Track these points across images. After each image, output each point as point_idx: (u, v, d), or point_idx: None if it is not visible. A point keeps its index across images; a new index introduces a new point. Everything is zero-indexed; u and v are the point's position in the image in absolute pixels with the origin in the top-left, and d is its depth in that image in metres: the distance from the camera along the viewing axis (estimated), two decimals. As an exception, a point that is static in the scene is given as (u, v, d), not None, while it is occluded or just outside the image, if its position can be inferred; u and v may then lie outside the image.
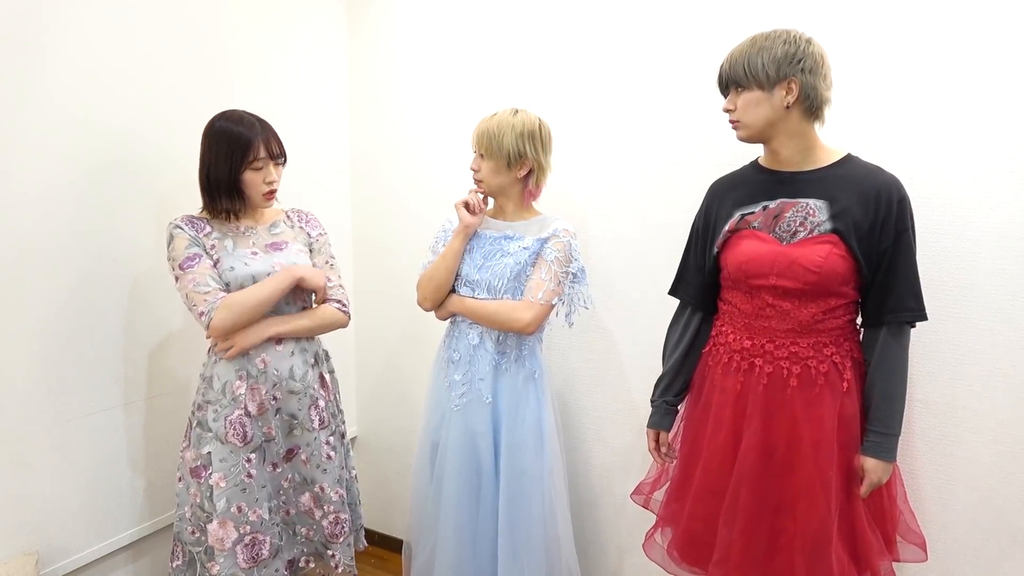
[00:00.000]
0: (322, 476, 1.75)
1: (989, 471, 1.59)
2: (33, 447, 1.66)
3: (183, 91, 1.91)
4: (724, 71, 1.41)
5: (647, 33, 1.89)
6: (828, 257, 1.35)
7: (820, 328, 1.40)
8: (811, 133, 1.40)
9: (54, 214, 1.65)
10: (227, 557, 1.60)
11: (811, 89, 1.34)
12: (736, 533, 1.45)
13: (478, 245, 1.78)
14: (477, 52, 2.18)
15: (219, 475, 1.61)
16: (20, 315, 1.61)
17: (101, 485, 1.81)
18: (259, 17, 2.13)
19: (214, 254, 1.62)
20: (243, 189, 1.62)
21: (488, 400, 1.73)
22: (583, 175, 2.04)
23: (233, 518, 1.61)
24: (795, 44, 1.33)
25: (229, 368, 1.64)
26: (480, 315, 1.73)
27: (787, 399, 1.41)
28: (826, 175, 1.39)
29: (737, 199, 1.49)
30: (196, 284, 1.56)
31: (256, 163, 1.60)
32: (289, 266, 1.67)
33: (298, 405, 1.71)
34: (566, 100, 2.04)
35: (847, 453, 1.41)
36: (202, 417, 1.65)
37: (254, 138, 1.59)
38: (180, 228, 1.61)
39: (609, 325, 2.05)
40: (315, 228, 1.82)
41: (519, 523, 1.72)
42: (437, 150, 2.29)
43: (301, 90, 2.31)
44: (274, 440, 1.69)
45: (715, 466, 1.50)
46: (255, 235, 1.70)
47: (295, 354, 1.71)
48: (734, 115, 1.42)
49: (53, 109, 1.63)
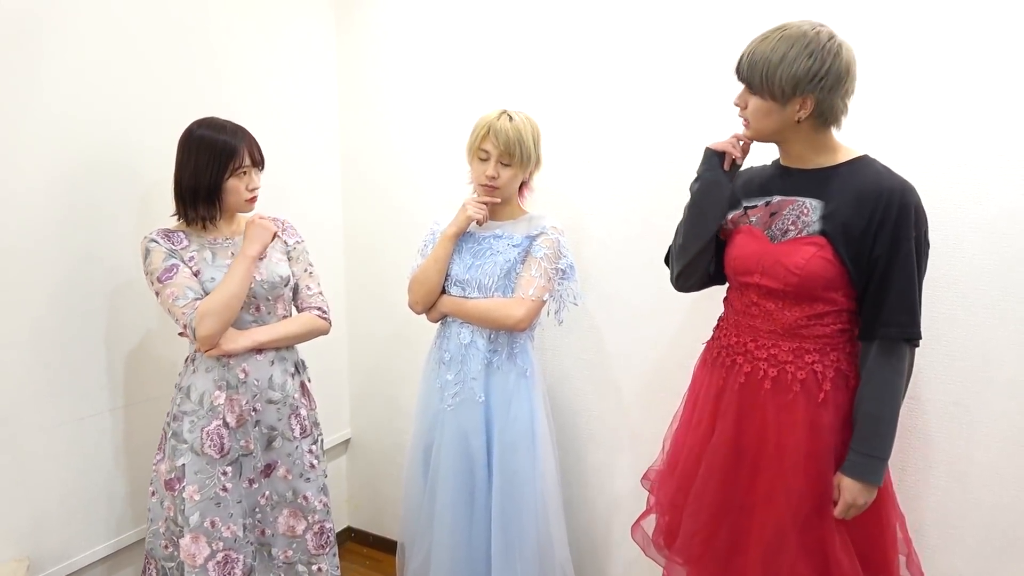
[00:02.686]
0: (305, 485, 1.73)
1: (985, 470, 1.59)
2: (23, 452, 1.65)
3: (170, 93, 1.90)
4: (743, 68, 1.32)
5: (639, 32, 1.89)
6: (811, 260, 1.30)
7: (804, 334, 1.35)
8: (823, 136, 1.35)
9: (40, 217, 1.64)
10: (198, 574, 1.57)
11: (827, 106, 1.28)
12: (700, 526, 1.45)
13: (467, 245, 1.78)
14: (467, 51, 2.18)
15: (193, 487, 1.57)
16: (6, 319, 1.59)
17: (92, 490, 1.80)
18: (247, 19, 2.12)
19: (193, 266, 1.59)
20: (223, 196, 1.60)
21: (481, 399, 1.73)
22: (576, 174, 2.04)
23: (206, 533, 1.57)
24: (821, 60, 1.24)
25: (207, 378, 1.62)
26: (472, 314, 1.73)
27: (760, 401, 1.39)
28: (831, 174, 1.34)
29: (748, 191, 1.47)
30: (175, 298, 1.53)
31: (241, 169, 1.59)
32: (243, 250, 1.60)
33: (277, 415, 1.69)
34: (559, 99, 2.04)
35: (818, 465, 1.34)
36: (177, 428, 1.62)
37: (238, 145, 1.59)
38: (156, 242, 1.57)
39: (601, 324, 2.05)
40: (292, 236, 1.80)
41: (512, 523, 1.72)
42: (427, 151, 2.29)
43: (290, 92, 2.30)
44: (252, 454, 1.65)
45: (694, 457, 1.51)
46: (233, 246, 1.67)
47: (275, 363, 1.69)
48: (743, 113, 1.37)
49: (38, 109, 1.61)
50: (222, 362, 1.62)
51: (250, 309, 1.66)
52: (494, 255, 1.74)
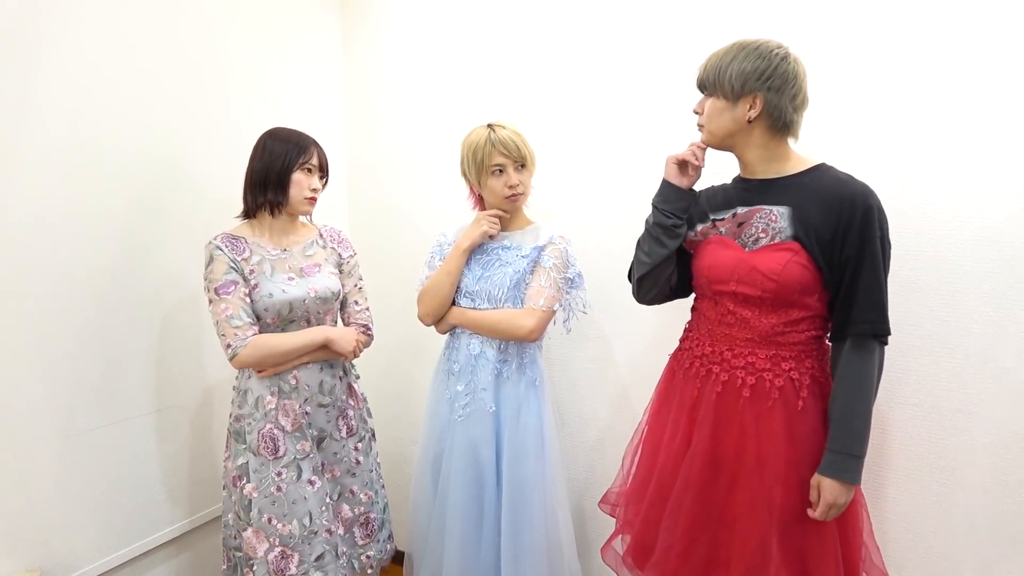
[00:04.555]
0: (351, 480, 1.84)
1: (985, 472, 1.60)
2: (35, 462, 1.65)
3: (181, 105, 1.92)
4: (699, 74, 1.42)
5: (640, 45, 1.92)
6: (787, 265, 1.33)
7: (780, 341, 1.37)
8: (777, 146, 1.40)
9: (60, 228, 1.65)
10: (259, 565, 1.65)
11: (775, 107, 1.34)
12: (676, 539, 1.44)
13: (476, 256, 1.80)
14: (471, 62, 2.21)
15: (252, 485, 1.66)
16: (23, 331, 1.61)
17: (103, 500, 1.81)
18: (255, 32, 2.15)
19: (252, 279, 1.66)
20: (289, 187, 1.67)
21: (491, 409, 1.74)
22: (578, 184, 2.06)
23: (264, 528, 1.66)
24: (768, 60, 1.32)
25: (261, 384, 1.69)
26: (482, 326, 1.75)
27: (738, 410, 1.39)
28: (793, 183, 1.38)
29: (713, 206, 1.51)
30: (229, 316, 1.61)
31: (307, 166, 1.69)
32: (321, 328, 1.74)
33: (326, 418, 1.77)
34: (560, 110, 2.06)
35: (798, 473, 1.35)
36: (239, 428, 1.71)
37: (310, 144, 1.71)
38: (220, 250, 1.64)
39: (609, 333, 2.06)
40: (346, 249, 1.88)
41: (521, 530, 1.72)
42: (433, 161, 2.31)
43: (297, 103, 2.32)
44: (309, 456, 1.72)
45: (668, 471, 1.49)
46: (291, 258, 1.73)
47: (323, 369, 1.76)
48: (701, 119, 1.43)
49: (48, 124, 1.63)
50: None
51: (301, 322, 1.72)
52: (503, 266, 1.76)
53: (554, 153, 2.01)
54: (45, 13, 1.61)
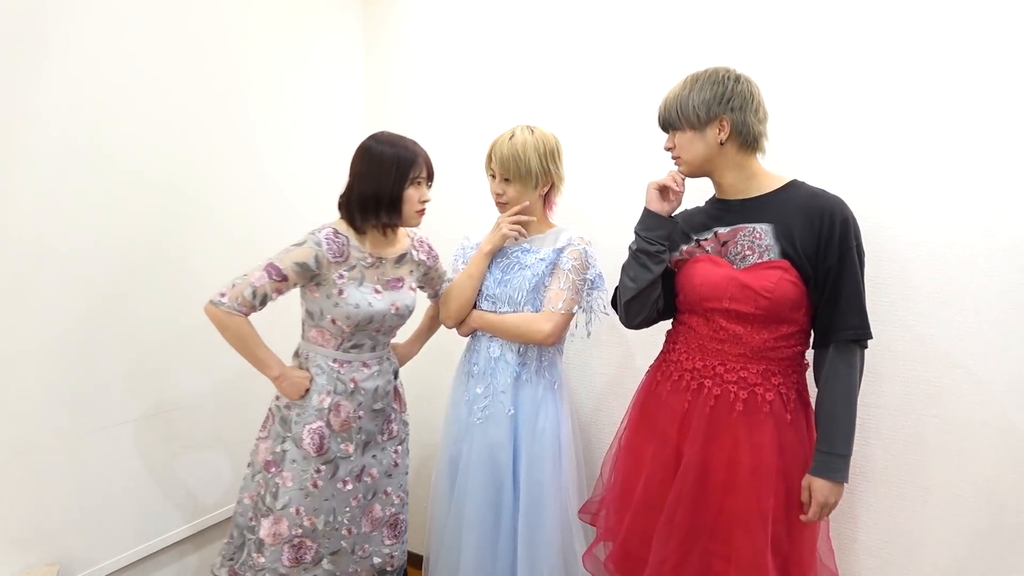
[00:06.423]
0: (387, 481, 1.83)
1: (987, 474, 1.60)
2: (52, 459, 1.67)
3: (197, 116, 1.92)
4: (660, 115, 1.47)
5: (660, 50, 1.92)
6: (779, 283, 1.37)
7: (771, 356, 1.42)
8: (751, 163, 1.45)
9: (68, 228, 1.66)
10: (273, 552, 1.64)
11: (742, 125, 1.39)
12: (670, 551, 1.45)
13: (496, 260, 1.81)
14: (492, 67, 2.21)
15: (288, 475, 1.65)
16: (38, 328, 1.62)
17: (120, 496, 1.82)
18: (276, 35, 2.16)
19: (340, 283, 1.64)
20: (402, 205, 1.66)
21: (510, 412, 1.74)
22: (598, 189, 2.06)
23: (289, 518, 1.64)
24: (723, 84, 1.39)
25: (318, 381, 1.67)
26: (501, 329, 1.75)
27: (731, 423, 1.42)
28: (771, 200, 1.42)
29: (693, 227, 1.53)
30: (249, 284, 1.56)
31: (417, 179, 1.67)
32: (281, 366, 1.65)
33: (375, 422, 1.77)
34: (580, 114, 2.06)
35: (787, 481, 1.40)
36: (286, 415, 1.68)
37: (417, 156, 1.67)
38: (319, 246, 1.61)
39: (629, 339, 2.05)
40: (432, 258, 1.88)
41: (538, 534, 1.72)
42: (455, 165, 2.31)
43: (320, 107, 2.33)
44: (350, 457, 1.71)
45: (656, 482, 1.50)
46: (382, 268, 1.73)
47: (380, 374, 1.76)
48: (674, 152, 1.48)
49: (52, 129, 1.62)
50: (332, 369, 1.68)
51: (371, 332, 1.72)
52: (523, 269, 1.76)
53: (575, 157, 2.01)
54: (51, 17, 1.60)
